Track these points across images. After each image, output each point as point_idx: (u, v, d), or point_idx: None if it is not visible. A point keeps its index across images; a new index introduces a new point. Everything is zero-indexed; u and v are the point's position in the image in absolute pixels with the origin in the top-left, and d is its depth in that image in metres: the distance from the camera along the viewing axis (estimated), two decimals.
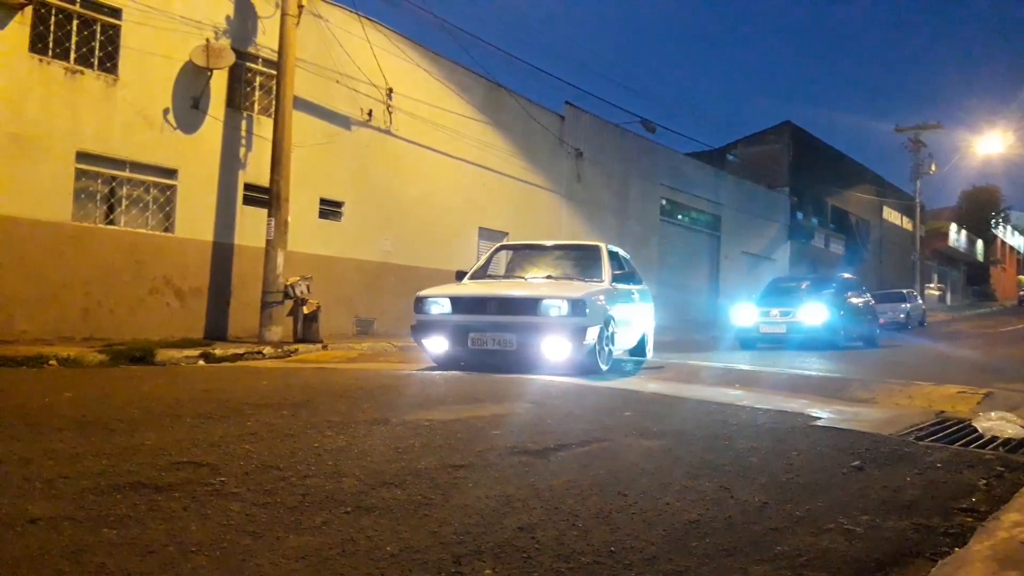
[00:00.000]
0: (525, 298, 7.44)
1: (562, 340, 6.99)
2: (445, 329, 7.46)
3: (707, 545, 2.20)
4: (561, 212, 19.73)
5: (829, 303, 14.55)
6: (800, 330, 13.98)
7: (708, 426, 4.17)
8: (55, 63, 10.41)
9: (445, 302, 7.60)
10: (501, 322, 7.26)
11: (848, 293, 15.88)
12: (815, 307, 14.26)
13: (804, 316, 14.11)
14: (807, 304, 14.41)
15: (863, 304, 16.51)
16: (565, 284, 7.95)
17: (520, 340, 7.09)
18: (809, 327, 13.94)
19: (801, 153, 33.42)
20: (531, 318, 7.17)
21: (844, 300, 15.33)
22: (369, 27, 14.21)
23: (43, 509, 2.34)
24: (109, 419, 3.97)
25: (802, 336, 13.90)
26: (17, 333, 9.83)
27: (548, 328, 7.06)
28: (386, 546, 2.11)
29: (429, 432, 3.77)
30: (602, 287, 7.96)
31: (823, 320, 14.00)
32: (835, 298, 15.07)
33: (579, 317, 7.02)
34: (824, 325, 13.97)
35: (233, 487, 2.65)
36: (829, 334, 13.95)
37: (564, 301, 7.09)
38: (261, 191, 12.24)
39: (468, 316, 7.42)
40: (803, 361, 10.81)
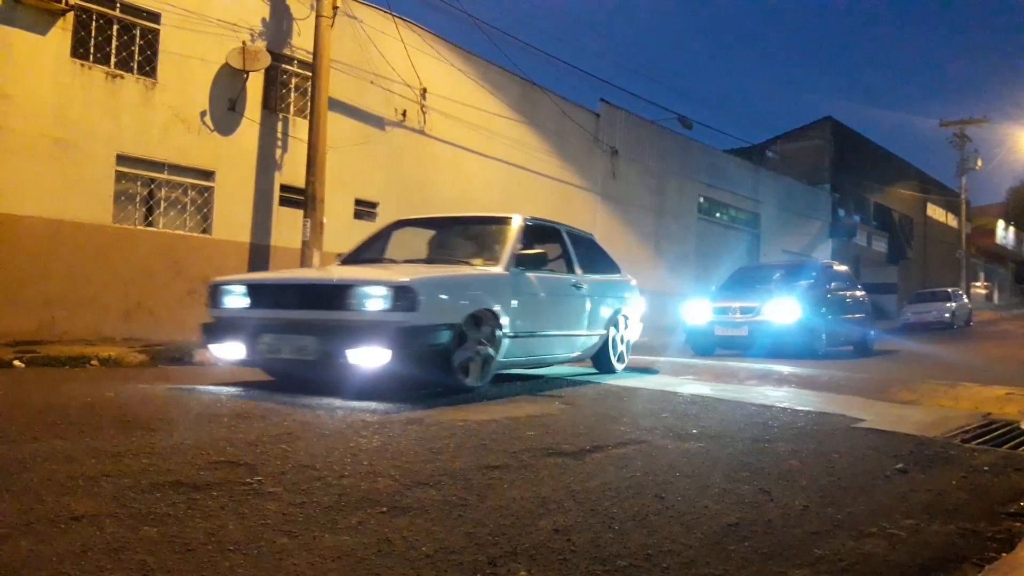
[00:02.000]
0: (326, 286, 5.52)
1: (377, 348, 4.87)
2: (241, 331, 5.45)
3: (746, 549, 2.17)
4: (596, 211, 19.64)
5: (805, 298, 11.76)
6: (767, 332, 11.22)
7: (747, 428, 4.11)
8: (96, 68, 10.61)
9: (242, 292, 5.63)
10: (299, 320, 5.31)
11: (832, 285, 13.02)
12: (785, 303, 11.40)
13: (772, 314, 11.30)
14: (776, 299, 11.57)
15: (853, 300, 13.66)
16: (405, 267, 5.85)
17: (321, 347, 5.07)
18: (779, 328, 11.17)
19: (842, 149, 32.88)
20: (336, 314, 5.13)
21: (826, 294, 12.57)
22: (403, 27, 14.27)
23: (86, 507, 2.37)
24: (149, 419, 4.03)
25: (769, 340, 11.16)
26: (59, 333, 10.04)
27: (359, 330, 4.97)
28: (421, 546, 2.11)
29: (464, 432, 3.77)
30: (484, 273, 5.94)
31: (796, 319, 11.26)
32: (813, 292, 12.30)
33: (407, 312, 4.92)
34: (798, 326, 11.24)
35: (270, 486, 2.66)
36: (804, 337, 11.29)
37: (384, 289, 5.00)
38: (297, 192, 12.36)
39: (266, 312, 5.48)
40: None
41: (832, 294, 12.80)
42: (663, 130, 22.27)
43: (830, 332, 12.04)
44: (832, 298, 12.69)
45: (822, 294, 12.44)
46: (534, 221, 6.67)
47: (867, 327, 13.56)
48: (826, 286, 12.78)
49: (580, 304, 6.90)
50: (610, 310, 7.41)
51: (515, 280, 5.97)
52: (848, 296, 13.52)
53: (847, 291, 13.62)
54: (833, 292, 12.87)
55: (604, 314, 7.29)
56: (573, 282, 6.83)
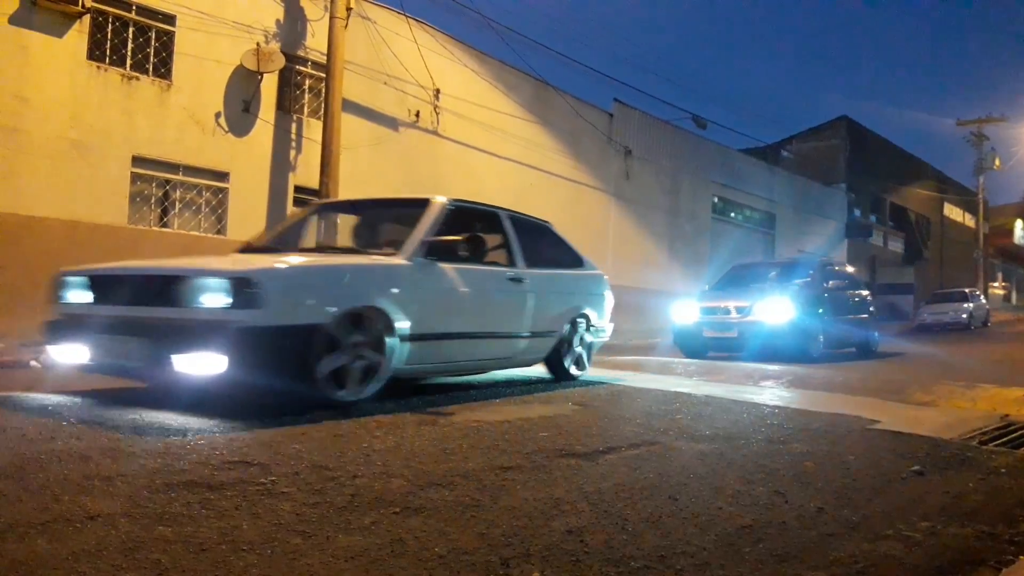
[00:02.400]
0: (159, 277, 4.55)
1: (210, 354, 4.00)
2: (82, 330, 4.66)
3: (760, 551, 2.15)
4: (610, 211, 19.61)
5: (799, 297, 11.11)
6: (758, 334, 10.46)
7: (762, 429, 4.09)
8: (112, 70, 10.70)
9: (84, 284, 4.89)
10: (130, 318, 4.45)
11: (829, 284, 12.20)
12: (778, 302, 10.66)
13: (763, 314, 10.59)
14: (768, 298, 10.80)
15: (855, 299, 12.93)
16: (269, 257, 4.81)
17: (145, 351, 4.24)
18: (770, 329, 10.45)
19: (858, 149, 32.67)
20: (167, 311, 4.28)
21: (823, 293, 11.87)
22: (416, 28, 14.31)
23: (101, 506, 2.39)
24: (162, 418, 4.05)
25: (761, 342, 10.43)
26: None
27: (189, 330, 4.11)
28: (434, 547, 2.11)
29: (477, 433, 3.77)
30: (372, 263, 5.03)
31: (788, 319, 10.55)
32: (809, 291, 11.60)
33: (249, 310, 4.07)
34: (791, 326, 10.54)
35: (283, 487, 2.67)
36: (798, 339, 10.58)
37: (221, 281, 4.17)
38: (310, 193, 12.41)
39: (104, 308, 4.67)
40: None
41: (830, 293, 12.03)
42: (677, 130, 22.20)
43: (828, 333, 11.38)
44: (830, 297, 11.94)
45: (819, 293, 11.75)
46: (460, 204, 5.69)
47: (870, 328, 12.90)
48: (823, 285, 12.01)
49: (519, 301, 5.90)
50: (566, 308, 6.45)
51: (420, 272, 5.04)
52: (849, 295, 12.77)
53: (848, 290, 12.86)
54: (831, 291, 12.06)
55: (557, 313, 6.35)
56: (511, 276, 5.86)
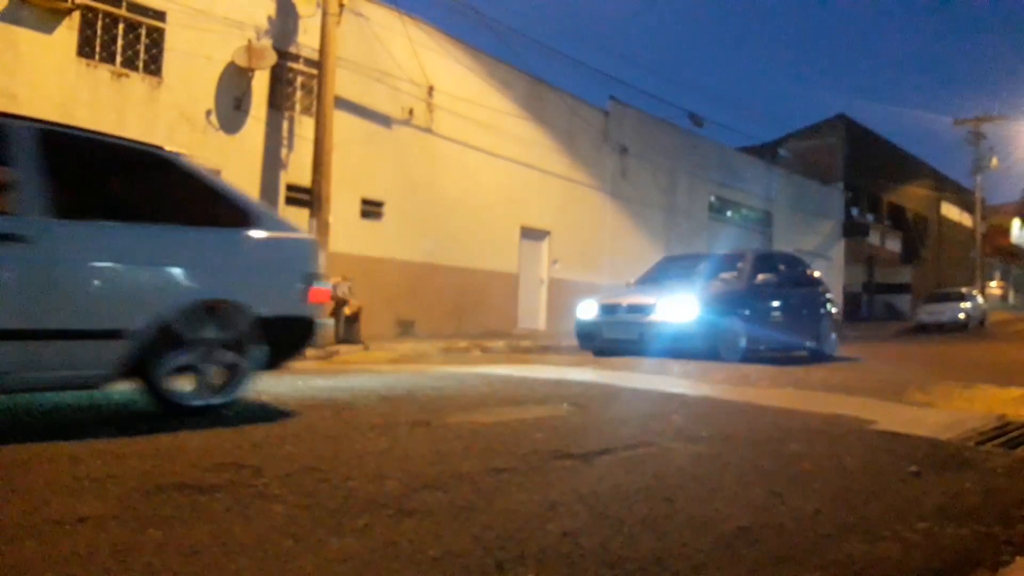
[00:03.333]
0: None
1: None
2: None
3: (757, 553, 2.15)
4: (606, 210, 19.62)
5: (715, 294, 9.83)
6: (662, 335, 9.18)
7: (759, 430, 4.08)
8: (102, 66, 10.64)
9: None
10: None
11: (760, 278, 10.41)
12: (683, 300, 9.32)
13: (668, 313, 9.31)
14: (674, 295, 9.50)
15: (803, 297, 11.25)
16: None
17: None
18: (675, 331, 9.15)
19: (856, 147, 32.72)
20: None
21: (752, 290, 10.26)
22: (410, 24, 14.27)
23: (91, 508, 2.37)
24: (153, 419, 4.02)
25: (665, 344, 9.12)
26: None
27: None
28: (428, 550, 2.09)
29: (471, 435, 3.75)
30: None
31: (696, 319, 9.19)
32: (731, 286, 10.29)
33: None
34: (700, 327, 9.17)
35: (275, 489, 2.65)
36: (709, 341, 9.16)
37: None
38: (303, 191, 12.37)
39: None
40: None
41: (762, 289, 10.37)
42: (674, 128, 22.22)
43: (755, 335, 9.86)
44: (762, 294, 10.34)
45: (744, 289, 10.21)
46: None
47: (826, 329, 11.43)
48: (752, 280, 10.33)
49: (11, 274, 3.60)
50: (159, 289, 4.07)
51: None
52: (795, 292, 11.10)
53: (793, 286, 11.17)
54: (764, 286, 10.39)
55: (132, 296, 3.96)
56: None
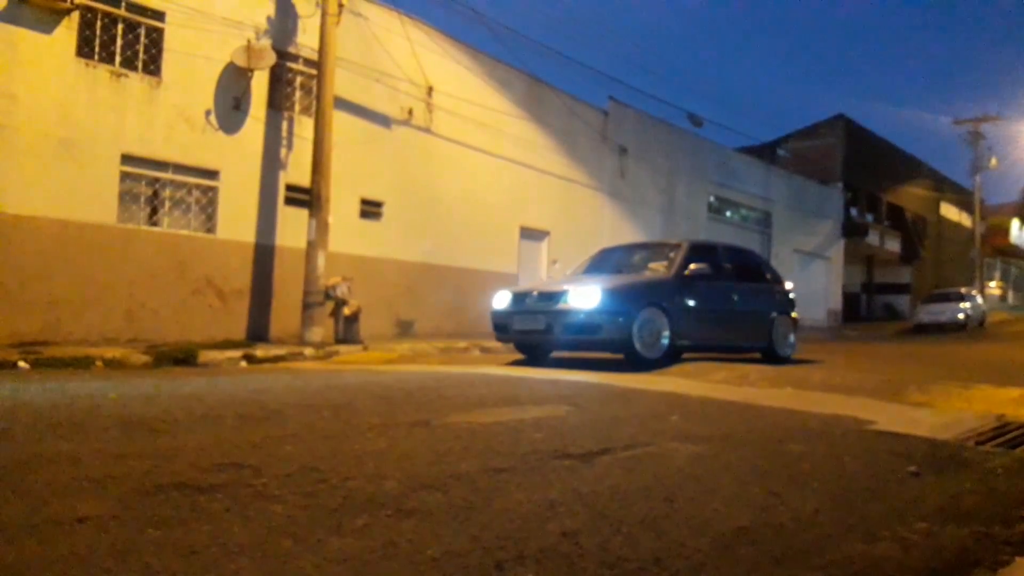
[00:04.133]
0: None
1: None
2: None
3: (756, 553, 2.14)
4: (604, 210, 19.64)
5: (628, 284, 8.97)
6: (568, 327, 8.44)
7: (758, 431, 4.08)
8: (101, 66, 10.63)
9: None
10: None
11: (695, 267, 9.22)
12: (591, 291, 8.46)
13: (576, 305, 8.44)
14: (583, 286, 8.67)
15: (748, 292, 10.21)
16: None
17: None
18: (582, 323, 8.38)
19: (855, 147, 32.81)
20: None
21: (681, 281, 9.12)
22: (409, 25, 14.28)
23: (91, 508, 2.37)
24: (153, 420, 4.02)
25: (571, 336, 8.54)
26: (64, 334, 10.06)
27: None
28: (427, 550, 2.09)
29: (470, 435, 3.75)
30: None
31: (606, 311, 8.31)
32: (656, 276, 9.36)
33: None
34: (608, 317, 8.30)
35: (275, 489, 2.65)
36: (619, 335, 8.30)
37: None
38: (302, 192, 12.37)
39: None
40: None
41: (697, 281, 9.27)
42: (673, 128, 22.26)
43: (683, 330, 8.87)
44: (696, 287, 9.26)
45: (672, 280, 9.13)
46: None
47: (780, 329, 10.30)
48: (682, 270, 9.22)
49: None
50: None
51: None
52: (738, 287, 10.05)
53: (737, 280, 10.11)
54: (698, 279, 9.26)
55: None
56: None
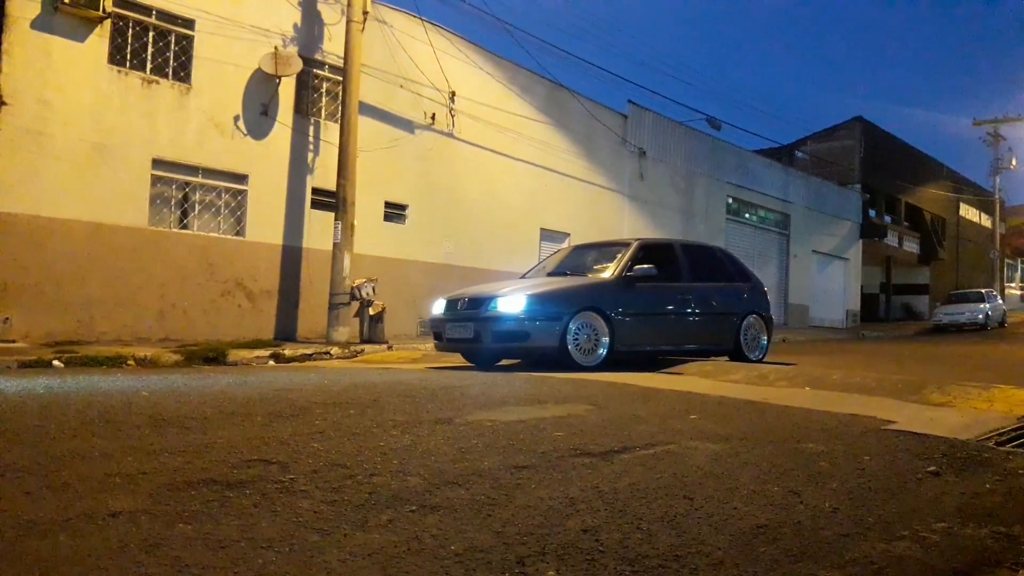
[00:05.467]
0: None
1: None
2: None
3: (775, 550, 2.15)
4: (624, 212, 19.60)
5: (560, 288, 8.45)
6: (497, 334, 7.95)
7: (777, 430, 4.08)
8: (132, 74, 10.82)
9: None
10: None
11: (641, 268, 8.61)
12: (517, 295, 8.04)
13: (506, 311, 7.97)
14: (509, 290, 8.28)
15: (708, 294, 9.47)
16: None
17: None
18: (511, 329, 7.91)
19: (873, 149, 32.51)
20: None
21: (625, 282, 8.53)
22: (432, 31, 14.37)
23: (123, 503, 2.42)
24: (184, 417, 4.10)
25: (498, 346, 8.12)
26: (97, 334, 10.24)
27: None
28: (451, 545, 2.12)
29: (492, 432, 3.78)
30: None
31: (528, 315, 7.88)
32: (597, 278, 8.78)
33: None
34: (535, 324, 7.90)
35: (302, 485, 2.70)
36: (549, 340, 7.87)
37: None
38: (328, 195, 12.49)
39: None
40: None
41: (644, 283, 8.63)
42: (691, 131, 22.19)
43: (627, 335, 8.34)
44: (643, 289, 8.65)
45: (615, 282, 8.53)
46: None
47: (750, 332, 9.60)
48: (627, 271, 8.60)
49: None
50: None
51: None
52: (696, 289, 9.33)
53: (694, 281, 9.36)
54: (645, 280, 8.61)
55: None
56: None
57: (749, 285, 10.07)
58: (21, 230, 9.78)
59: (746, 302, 9.78)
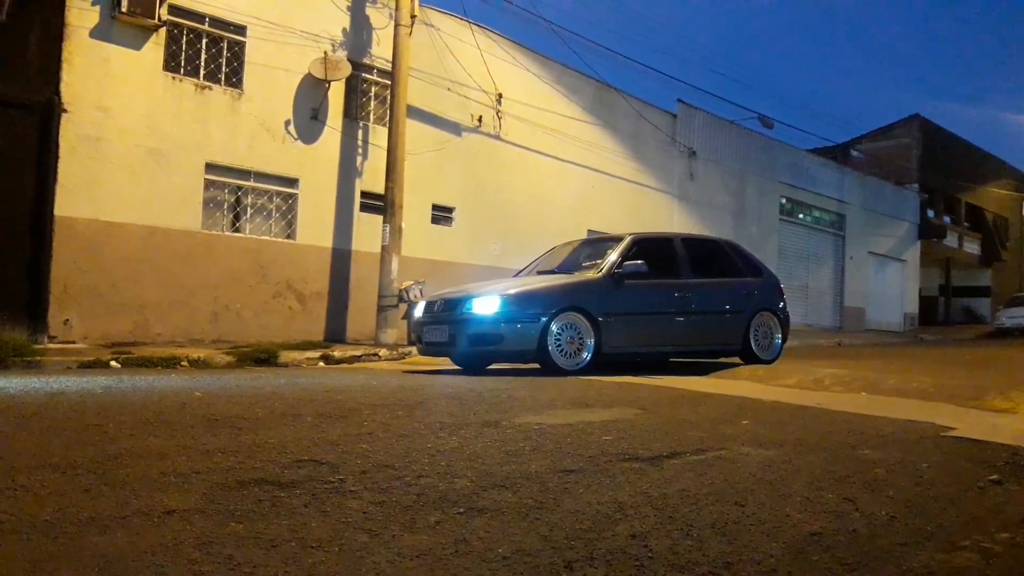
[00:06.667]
0: None
1: None
2: None
3: (829, 559, 2.10)
4: (673, 213, 19.42)
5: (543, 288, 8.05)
6: (471, 338, 7.65)
7: (831, 436, 3.99)
8: (186, 80, 11.07)
9: None
10: None
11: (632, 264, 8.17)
12: (486, 299, 7.70)
13: (478, 312, 7.66)
14: (485, 291, 7.99)
15: (709, 290, 8.92)
16: None
17: None
18: (486, 332, 7.57)
19: (931, 147, 31.70)
20: None
21: (613, 280, 8.08)
22: (479, 34, 14.42)
23: (177, 502, 2.47)
24: (236, 418, 4.17)
25: (473, 349, 7.82)
26: (152, 335, 10.49)
27: None
28: (498, 548, 2.12)
29: (539, 436, 3.77)
30: None
31: (502, 316, 7.55)
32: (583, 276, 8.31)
33: None
34: (510, 326, 7.55)
35: (351, 485, 2.72)
36: (525, 343, 7.54)
37: None
38: (376, 198, 12.62)
39: None
40: None
41: (635, 280, 8.19)
42: (743, 130, 21.89)
43: (615, 336, 7.90)
44: (635, 286, 8.20)
45: (602, 280, 8.08)
46: None
47: (761, 331, 9.02)
48: (616, 268, 8.15)
49: None
50: None
51: None
52: (695, 285, 8.76)
53: (693, 277, 8.79)
54: (636, 276, 8.18)
55: None
56: None
57: (760, 280, 9.43)
58: (80, 234, 10.07)
59: (756, 299, 9.16)
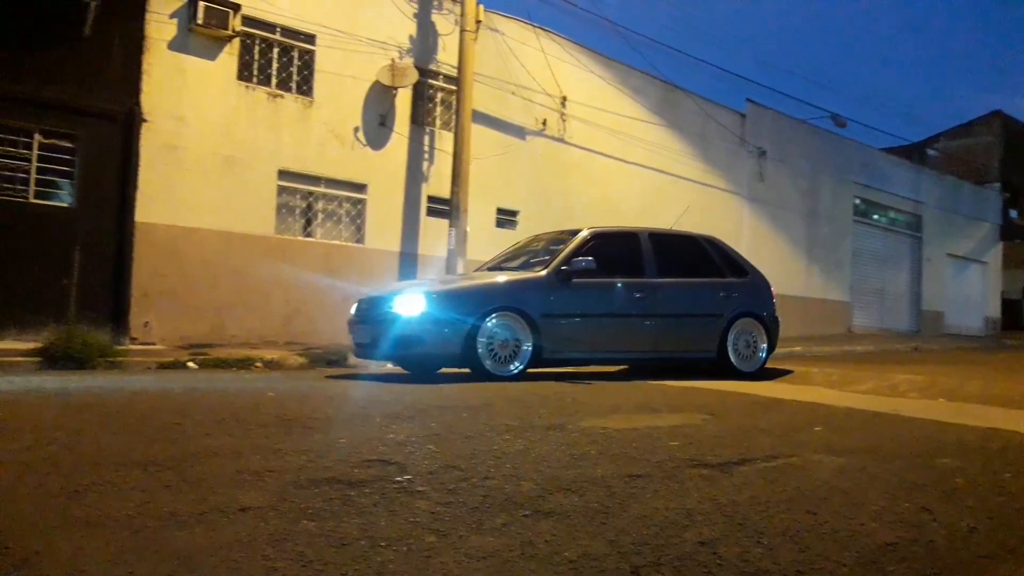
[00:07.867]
0: None
1: None
2: None
3: (905, 570, 2.04)
4: (743, 214, 19.06)
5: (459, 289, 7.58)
6: (391, 341, 7.10)
7: (907, 443, 3.87)
8: (259, 88, 11.37)
9: None
10: None
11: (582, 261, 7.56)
12: (409, 298, 7.19)
13: (400, 311, 7.12)
14: (409, 289, 7.59)
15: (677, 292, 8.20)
16: None
17: None
18: (403, 336, 7.03)
19: (1013, 145, 30.33)
20: None
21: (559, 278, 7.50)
22: (544, 37, 14.43)
23: (251, 499, 2.53)
24: (307, 418, 4.26)
25: (395, 353, 7.42)
26: (227, 337, 10.79)
27: None
28: (564, 551, 2.11)
29: (605, 440, 3.76)
30: None
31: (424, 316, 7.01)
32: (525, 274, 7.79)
33: None
34: (432, 327, 7.01)
35: (419, 485, 2.75)
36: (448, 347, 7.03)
37: None
38: (442, 202, 12.74)
39: None
40: None
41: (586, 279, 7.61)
42: (814, 129, 21.33)
43: (557, 340, 7.34)
44: (586, 286, 7.63)
45: (547, 279, 7.49)
46: None
47: (743, 338, 8.29)
48: (562, 266, 7.56)
49: None
50: None
51: None
52: (663, 284, 8.08)
53: (664, 275, 8.14)
54: (586, 275, 7.58)
55: None
56: None
57: (743, 281, 8.62)
58: (160, 239, 10.43)
59: (736, 301, 8.39)
